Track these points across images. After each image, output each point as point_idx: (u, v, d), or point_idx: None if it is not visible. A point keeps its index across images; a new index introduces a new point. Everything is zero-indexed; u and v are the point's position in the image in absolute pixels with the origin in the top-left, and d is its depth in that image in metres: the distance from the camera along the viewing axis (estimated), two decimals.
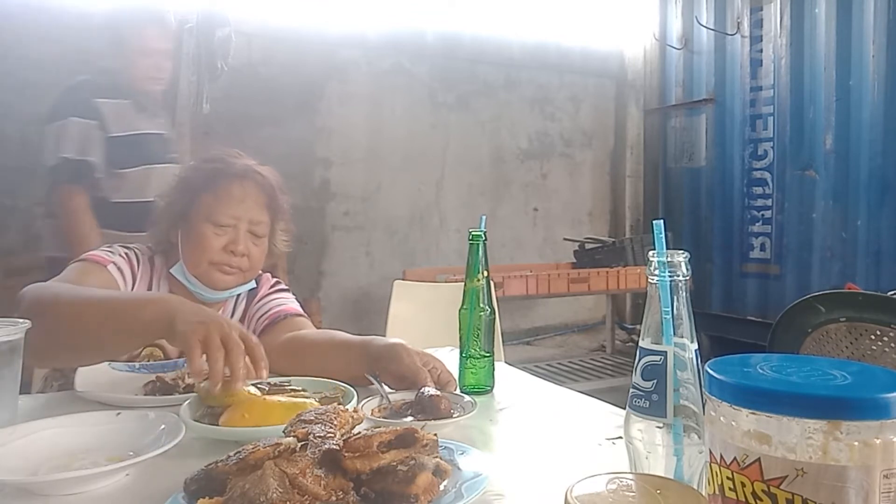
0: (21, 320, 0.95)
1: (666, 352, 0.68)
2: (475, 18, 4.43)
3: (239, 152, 1.42)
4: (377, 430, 0.68)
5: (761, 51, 4.22)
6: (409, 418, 0.99)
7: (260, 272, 1.46)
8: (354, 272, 4.22)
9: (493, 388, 1.20)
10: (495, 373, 1.21)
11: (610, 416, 1.04)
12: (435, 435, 0.72)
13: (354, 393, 1.04)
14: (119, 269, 1.29)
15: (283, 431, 0.72)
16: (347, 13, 3.98)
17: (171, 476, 0.75)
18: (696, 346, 0.69)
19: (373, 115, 4.13)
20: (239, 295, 1.41)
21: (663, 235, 0.70)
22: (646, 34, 4.99)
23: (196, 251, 1.31)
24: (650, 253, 0.70)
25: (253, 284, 1.42)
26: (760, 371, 0.51)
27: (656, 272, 0.69)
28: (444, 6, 4.30)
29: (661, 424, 0.67)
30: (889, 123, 3.65)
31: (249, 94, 3.66)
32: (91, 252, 1.30)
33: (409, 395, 1.06)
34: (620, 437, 0.73)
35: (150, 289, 1.34)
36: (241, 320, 1.41)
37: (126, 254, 1.34)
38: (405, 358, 1.11)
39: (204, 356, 0.93)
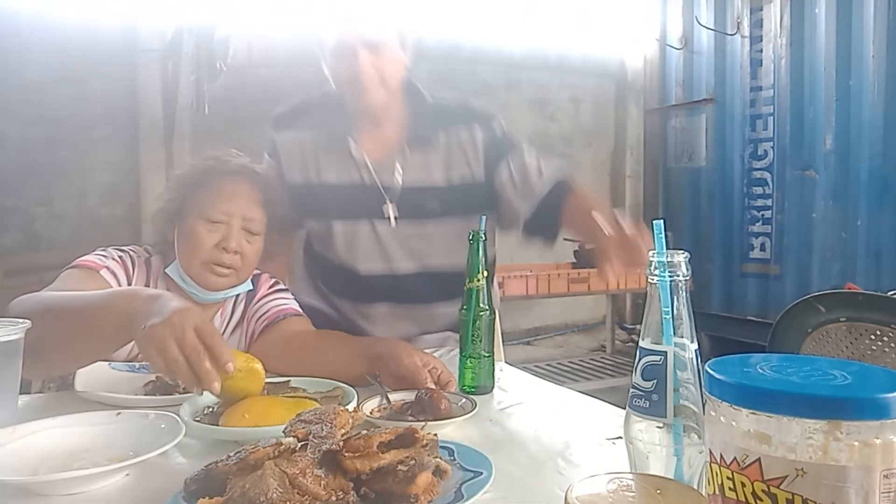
0: (21, 320, 0.95)
1: (666, 352, 0.68)
2: (475, 19, 4.42)
3: (236, 152, 1.42)
4: (377, 430, 0.69)
5: (761, 51, 4.22)
6: (410, 418, 0.99)
7: (258, 272, 1.47)
8: None
9: (493, 388, 1.20)
10: (495, 373, 1.21)
11: (610, 416, 1.04)
12: (435, 435, 0.72)
13: (354, 393, 1.04)
14: (112, 272, 1.29)
15: (283, 431, 0.72)
16: (347, 14, 3.98)
17: (171, 476, 0.75)
18: (696, 346, 0.69)
19: None
20: (238, 295, 1.41)
21: (663, 235, 0.70)
22: (646, 34, 4.99)
23: (189, 248, 1.31)
24: (650, 253, 0.70)
25: (250, 286, 1.42)
26: (760, 371, 0.51)
27: (656, 272, 0.69)
28: (444, 7, 4.30)
29: (661, 424, 0.67)
30: (889, 123, 3.65)
31: (249, 94, 3.65)
32: (83, 258, 1.30)
33: (409, 395, 1.06)
34: (620, 437, 0.73)
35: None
36: (241, 321, 1.41)
37: (120, 257, 1.33)
38: (405, 358, 1.11)
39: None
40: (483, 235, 1.18)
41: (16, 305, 1.11)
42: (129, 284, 1.31)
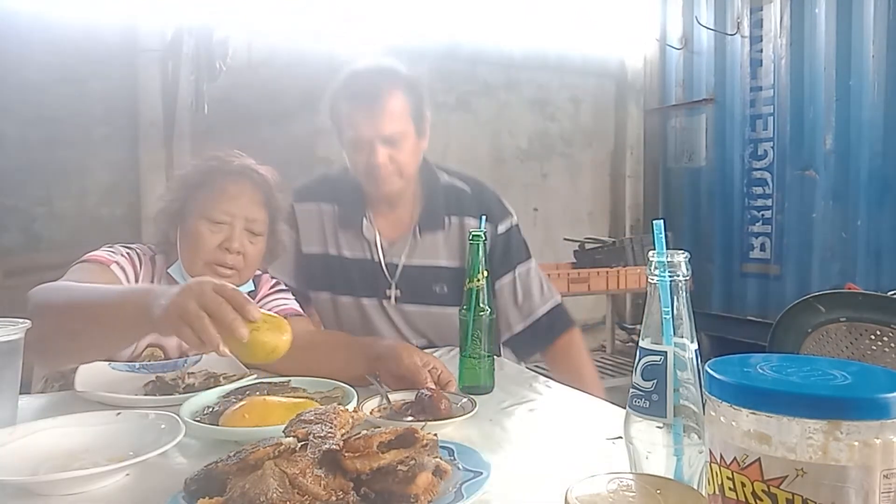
0: (21, 320, 0.95)
1: (666, 352, 0.68)
2: (475, 19, 4.42)
3: (238, 152, 1.42)
4: (377, 430, 0.69)
5: (761, 51, 4.22)
6: (409, 418, 0.99)
7: (259, 272, 1.47)
8: None
9: (493, 387, 1.20)
10: (495, 372, 1.21)
11: (610, 416, 1.04)
12: (435, 435, 0.72)
13: (354, 393, 1.04)
14: (122, 268, 1.30)
15: (283, 431, 0.72)
16: (347, 14, 3.98)
17: (171, 476, 0.75)
18: (696, 346, 0.69)
19: None
20: None
21: (663, 235, 0.70)
22: (646, 34, 4.99)
23: (192, 248, 1.31)
24: (650, 253, 0.70)
25: (251, 287, 1.42)
26: (760, 371, 0.51)
27: (656, 272, 0.69)
28: (444, 7, 4.30)
29: (661, 424, 0.67)
30: (889, 123, 3.65)
31: (249, 94, 3.65)
32: (93, 253, 1.31)
33: (409, 395, 1.06)
34: (620, 437, 0.73)
35: None
36: None
37: (128, 253, 1.34)
38: (405, 358, 1.11)
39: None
40: (483, 235, 1.18)
41: (36, 294, 1.11)
42: (137, 280, 1.32)
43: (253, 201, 1.35)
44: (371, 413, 1.00)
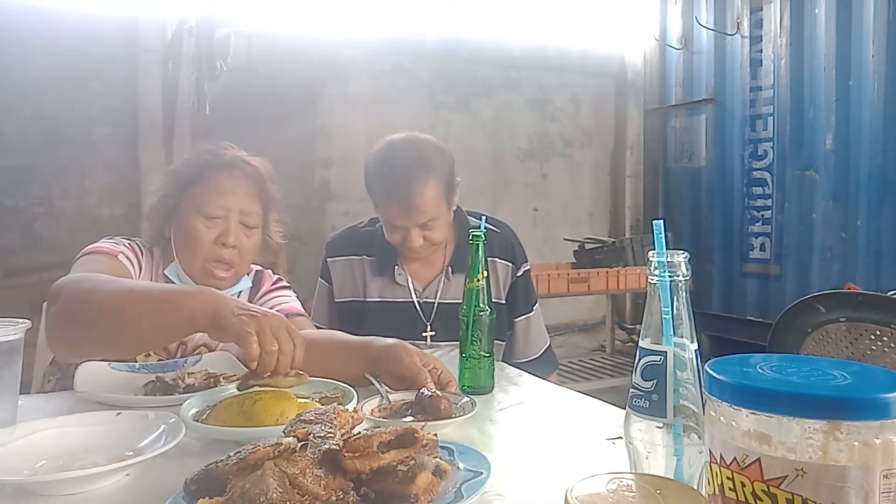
0: (21, 320, 0.95)
1: (666, 352, 0.68)
2: (475, 19, 4.43)
3: (230, 144, 1.42)
4: (377, 430, 0.68)
5: (761, 51, 4.22)
6: (409, 418, 0.99)
7: (261, 269, 1.47)
8: None
9: (493, 388, 1.20)
10: (495, 373, 1.21)
11: (610, 416, 1.04)
12: (435, 435, 0.72)
13: (354, 393, 1.04)
14: (128, 258, 1.31)
15: (283, 431, 0.72)
16: (347, 14, 3.98)
17: (171, 476, 0.75)
18: (696, 346, 0.69)
19: (373, 115, 4.13)
20: (241, 291, 1.41)
21: (663, 235, 0.70)
22: (646, 34, 4.99)
23: (188, 245, 1.31)
24: (650, 253, 0.70)
25: (249, 283, 1.42)
26: (760, 371, 0.51)
27: (656, 272, 0.69)
28: (444, 7, 4.30)
29: (661, 424, 0.67)
30: (889, 123, 3.65)
31: (249, 94, 3.65)
32: (97, 244, 1.31)
33: (409, 395, 1.06)
34: (620, 437, 0.73)
35: (152, 279, 1.35)
36: None
37: (130, 244, 1.35)
38: (405, 358, 1.11)
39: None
40: (483, 236, 1.18)
41: (67, 286, 1.09)
42: (140, 271, 1.32)
43: (247, 194, 1.35)
44: (371, 413, 1.00)
